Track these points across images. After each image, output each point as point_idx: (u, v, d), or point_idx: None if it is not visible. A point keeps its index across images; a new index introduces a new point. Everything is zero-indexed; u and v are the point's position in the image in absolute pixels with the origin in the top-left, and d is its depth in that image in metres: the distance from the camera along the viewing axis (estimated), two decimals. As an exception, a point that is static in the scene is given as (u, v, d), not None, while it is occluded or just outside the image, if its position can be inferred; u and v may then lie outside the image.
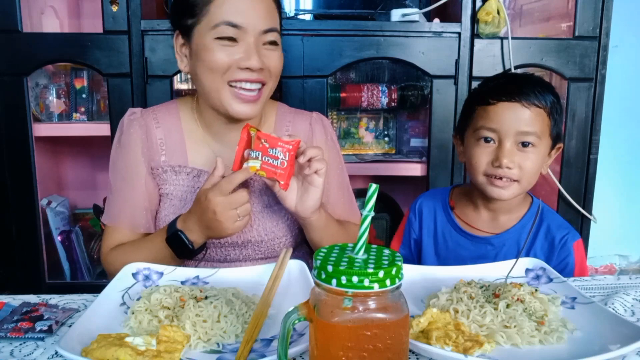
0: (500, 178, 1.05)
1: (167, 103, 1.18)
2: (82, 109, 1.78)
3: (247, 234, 1.08)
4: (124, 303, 0.83)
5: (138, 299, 0.80)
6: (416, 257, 1.20)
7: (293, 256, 1.15)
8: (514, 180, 1.05)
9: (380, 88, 1.83)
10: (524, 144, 1.04)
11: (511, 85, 1.07)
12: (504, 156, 1.03)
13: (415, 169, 1.79)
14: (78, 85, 1.78)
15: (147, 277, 0.90)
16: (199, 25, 1.01)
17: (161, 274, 0.92)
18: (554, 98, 1.07)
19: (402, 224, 1.24)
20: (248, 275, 0.92)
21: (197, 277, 0.92)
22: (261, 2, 1.01)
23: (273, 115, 1.17)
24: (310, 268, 0.98)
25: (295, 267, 0.91)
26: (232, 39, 0.99)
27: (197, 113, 1.12)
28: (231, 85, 1.01)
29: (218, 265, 1.11)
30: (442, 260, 1.15)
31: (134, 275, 0.90)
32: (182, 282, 0.91)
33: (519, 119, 1.04)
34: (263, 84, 1.03)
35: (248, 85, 1.01)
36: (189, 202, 1.07)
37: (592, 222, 1.78)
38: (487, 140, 1.06)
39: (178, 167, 1.09)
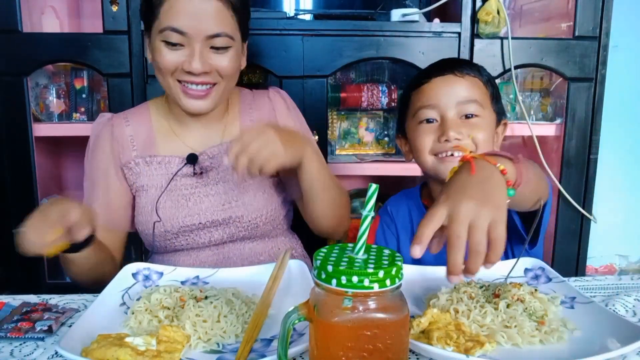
0: (452, 155, 1.00)
1: (139, 106, 1.24)
2: (82, 109, 1.78)
3: (227, 210, 1.11)
4: (123, 303, 0.83)
5: (138, 299, 0.80)
6: None
7: (282, 241, 1.19)
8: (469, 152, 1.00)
9: (380, 88, 1.82)
10: (468, 116, 1.01)
11: (442, 64, 1.07)
12: (449, 128, 0.99)
13: (415, 169, 1.76)
14: (78, 85, 1.78)
15: (147, 277, 0.91)
16: (153, 27, 1.05)
17: (161, 274, 0.92)
18: (487, 72, 1.06)
19: (371, 232, 1.17)
20: (248, 275, 0.93)
21: (197, 277, 0.93)
22: (208, 7, 1.01)
23: (237, 101, 1.21)
24: (309, 264, 0.98)
25: (295, 267, 0.91)
26: (176, 44, 1.03)
27: (167, 108, 1.17)
28: (181, 83, 1.06)
29: (205, 250, 1.14)
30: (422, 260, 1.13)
31: (134, 275, 0.90)
32: (182, 282, 0.91)
33: (456, 89, 1.01)
34: (213, 85, 1.07)
35: (194, 86, 1.05)
36: (164, 188, 1.11)
37: (592, 222, 1.78)
38: (429, 121, 1.02)
39: (149, 158, 1.13)
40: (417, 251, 0.61)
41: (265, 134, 0.92)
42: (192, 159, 1.11)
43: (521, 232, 0.95)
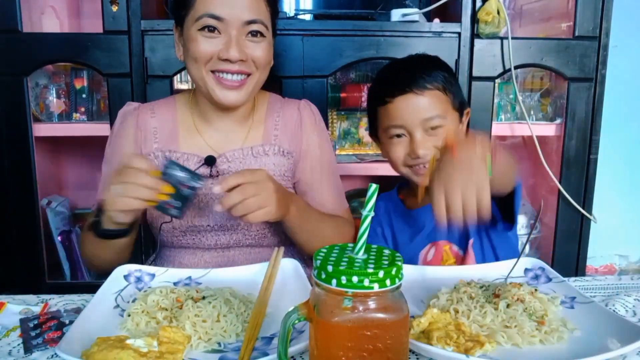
0: (424, 166, 1.08)
1: (166, 98, 1.24)
2: (82, 109, 1.78)
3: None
4: (117, 305, 0.82)
5: (134, 301, 0.80)
6: None
7: (288, 250, 1.17)
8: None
9: (380, 88, 1.82)
10: (433, 128, 1.07)
11: (400, 75, 1.09)
12: (418, 148, 1.06)
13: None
14: (78, 85, 1.78)
15: (138, 279, 0.90)
16: (188, 17, 1.05)
17: (153, 275, 0.92)
18: (443, 73, 1.09)
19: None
20: (240, 275, 0.93)
21: (190, 277, 0.92)
22: None
23: (265, 105, 1.20)
24: (307, 266, 0.98)
25: (289, 266, 0.91)
26: (214, 30, 1.02)
27: (193, 104, 1.17)
28: (215, 73, 1.05)
29: (210, 251, 1.13)
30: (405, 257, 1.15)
31: (126, 277, 0.90)
32: (175, 283, 0.90)
33: (418, 108, 1.06)
34: (248, 75, 1.06)
35: (229, 76, 1.05)
36: None
37: (592, 222, 1.77)
38: (398, 136, 1.09)
39: (169, 152, 1.13)
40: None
41: (265, 184, 0.92)
42: (210, 161, 1.10)
43: (495, 217, 1.02)
